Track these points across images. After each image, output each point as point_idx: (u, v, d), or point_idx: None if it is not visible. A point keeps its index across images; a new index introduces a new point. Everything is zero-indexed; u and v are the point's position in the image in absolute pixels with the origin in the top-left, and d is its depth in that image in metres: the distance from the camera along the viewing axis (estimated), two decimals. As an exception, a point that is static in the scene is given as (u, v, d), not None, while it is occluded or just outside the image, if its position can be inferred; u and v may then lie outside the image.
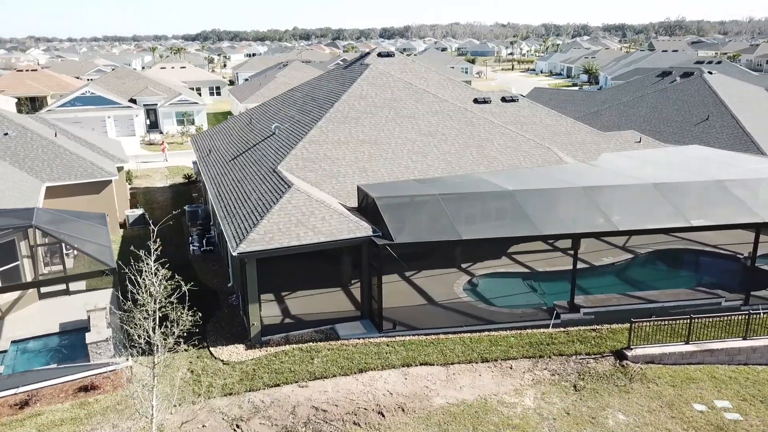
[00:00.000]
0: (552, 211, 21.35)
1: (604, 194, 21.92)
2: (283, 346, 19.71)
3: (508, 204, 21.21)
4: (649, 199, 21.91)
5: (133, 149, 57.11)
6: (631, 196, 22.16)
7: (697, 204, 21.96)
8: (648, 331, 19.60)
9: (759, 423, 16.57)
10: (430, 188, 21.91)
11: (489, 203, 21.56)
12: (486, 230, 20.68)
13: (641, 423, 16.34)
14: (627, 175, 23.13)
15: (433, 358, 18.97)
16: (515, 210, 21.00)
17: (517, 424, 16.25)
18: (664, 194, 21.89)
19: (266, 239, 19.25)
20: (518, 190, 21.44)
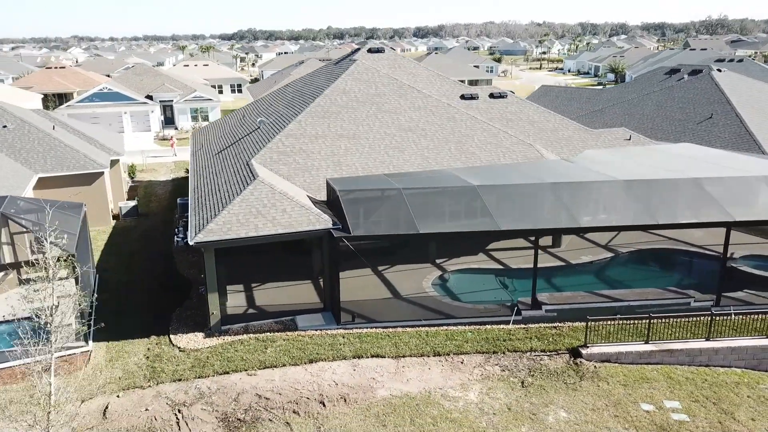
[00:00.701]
0: (515, 207, 21.15)
1: (572, 191, 21.61)
2: (241, 336, 20.00)
3: (472, 199, 21.09)
4: (618, 195, 21.54)
5: (147, 144, 58.43)
6: (599, 192, 21.81)
7: (668, 202, 21.49)
8: (610, 330, 19.33)
9: (706, 425, 16.19)
10: (397, 183, 21.91)
11: (453, 198, 21.48)
12: (445, 225, 20.61)
13: (582, 421, 16.12)
14: (600, 172, 22.74)
15: (385, 351, 19.01)
16: (477, 205, 20.88)
17: (455, 418, 16.20)
18: (634, 191, 21.49)
19: (224, 230, 19.55)
20: (482, 186, 21.30)
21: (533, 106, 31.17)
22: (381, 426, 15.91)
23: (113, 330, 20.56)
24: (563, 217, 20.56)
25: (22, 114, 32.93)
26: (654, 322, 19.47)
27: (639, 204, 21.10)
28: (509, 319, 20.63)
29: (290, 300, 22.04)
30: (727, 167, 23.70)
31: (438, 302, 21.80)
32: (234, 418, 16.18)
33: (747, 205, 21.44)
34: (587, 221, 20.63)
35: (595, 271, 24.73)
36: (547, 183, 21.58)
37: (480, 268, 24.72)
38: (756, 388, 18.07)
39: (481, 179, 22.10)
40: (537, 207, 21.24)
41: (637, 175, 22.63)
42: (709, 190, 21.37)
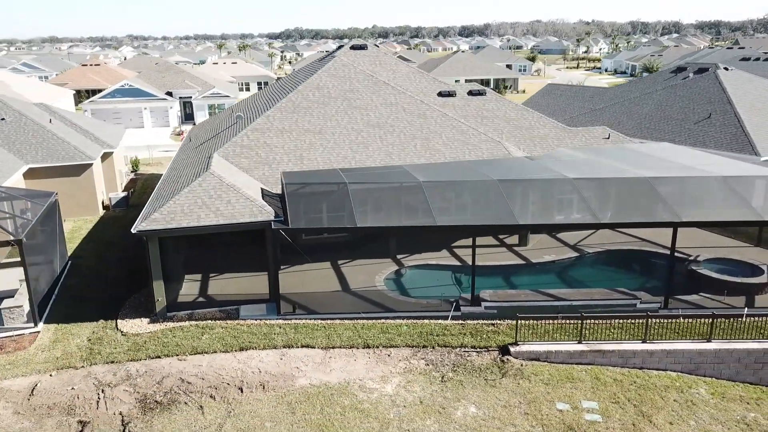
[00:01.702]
0: (457, 203, 21.13)
1: (518, 188, 21.44)
2: (184, 322, 20.61)
3: (416, 195, 21.15)
4: (565, 194, 21.25)
5: (163, 139, 60.19)
6: (546, 190, 21.56)
7: (617, 201, 21.10)
8: (547, 329, 19.17)
9: (618, 426, 15.92)
10: (346, 177, 22.15)
11: (397, 194, 21.59)
12: (384, 219, 20.74)
13: (489, 416, 16.07)
14: (554, 171, 22.44)
15: (316, 342, 19.30)
16: (420, 201, 20.93)
17: (365, 409, 16.38)
18: (583, 190, 21.16)
19: (167, 219, 20.19)
20: (427, 182, 21.34)
21: (511, 104, 30.89)
22: (290, 413, 16.22)
23: (69, 313, 21.53)
24: (503, 214, 20.42)
25: (21, 107, 34.49)
26: (591, 323, 19.28)
27: (584, 203, 20.78)
28: (448, 314, 20.63)
29: (241, 290, 22.56)
30: (691, 167, 23.05)
31: (383, 296, 21.94)
32: (152, 400, 16.75)
33: (699, 205, 20.85)
34: (528, 219, 20.43)
35: (554, 270, 24.44)
36: (494, 180, 21.45)
37: (437, 264, 24.75)
38: (686, 392, 17.63)
39: (429, 176, 22.13)
40: (479, 204, 21.16)
41: (593, 174, 22.26)
42: (660, 190, 20.86)
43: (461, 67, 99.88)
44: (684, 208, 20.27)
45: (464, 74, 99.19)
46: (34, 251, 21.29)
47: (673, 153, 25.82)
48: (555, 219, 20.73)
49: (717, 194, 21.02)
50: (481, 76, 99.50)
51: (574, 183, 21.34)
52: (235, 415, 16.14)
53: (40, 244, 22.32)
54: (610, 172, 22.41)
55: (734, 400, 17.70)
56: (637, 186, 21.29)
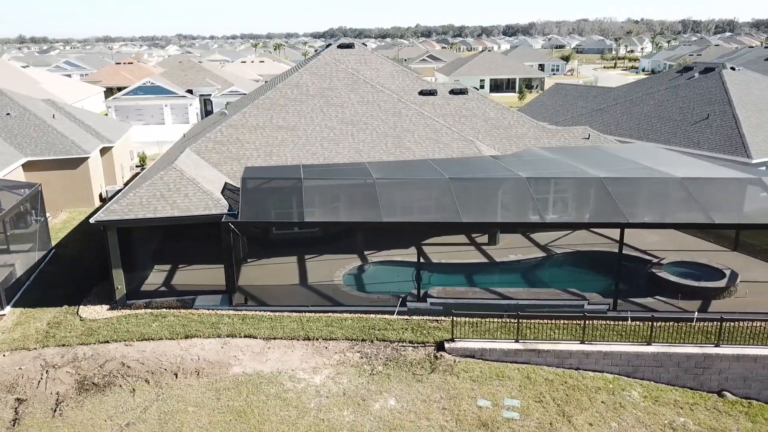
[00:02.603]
0: (407, 201, 21.34)
1: (470, 186, 21.50)
2: (141, 310, 21.42)
3: (368, 192, 21.44)
4: (516, 192, 21.22)
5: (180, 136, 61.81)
6: (498, 189, 21.56)
7: (569, 201, 20.96)
8: (489, 327, 19.25)
9: (534, 425, 15.92)
10: (304, 174, 22.59)
11: (351, 191, 21.95)
12: (333, 215, 21.12)
13: (405, 410, 16.28)
14: (509, 170, 22.39)
15: (259, 332, 19.81)
16: (371, 198, 21.22)
17: (287, 398, 16.81)
18: (533, 189, 21.09)
19: (125, 210, 21.03)
20: (380, 180, 21.62)
21: (492, 103, 30.80)
22: (215, 399, 16.78)
23: (38, 298, 22.63)
24: (449, 212, 20.54)
25: (27, 103, 36.12)
26: (536, 322, 19.26)
27: (532, 202, 20.70)
28: (395, 309, 20.86)
29: (204, 281, 23.25)
30: (652, 168, 22.61)
31: (336, 291, 22.31)
32: (90, 382, 17.55)
33: (649, 207, 20.54)
34: (473, 217, 20.48)
35: (517, 270, 24.36)
36: (446, 179, 21.56)
37: (400, 261, 24.94)
38: (617, 394, 17.46)
39: (386, 173, 22.41)
40: (428, 201, 21.32)
41: (548, 173, 22.15)
42: (612, 190, 20.62)
43: (486, 67, 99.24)
44: (633, 209, 20.00)
45: (489, 73, 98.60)
46: (5, 240, 22.45)
47: (645, 154, 25.38)
48: (500, 218, 20.70)
49: (670, 196, 20.65)
50: (506, 76, 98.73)
51: (527, 182, 21.27)
52: (162, 399, 16.79)
53: (16, 233, 23.49)
54: (567, 171, 22.23)
55: (667, 405, 17.44)
56: (589, 186, 21.11)
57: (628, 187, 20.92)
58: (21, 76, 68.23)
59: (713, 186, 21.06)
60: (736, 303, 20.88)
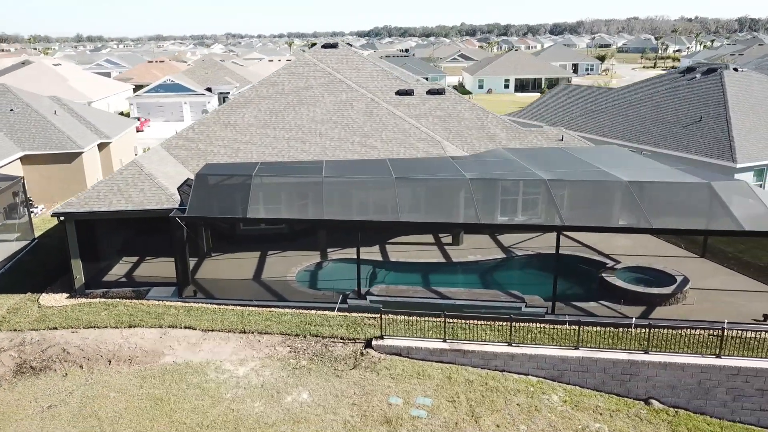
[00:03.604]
0: (352, 200, 21.63)
1: (414, 186, 21.66)
2: (97, 299, 22.34)
3: (315, 190, 21.83)
4: (459, 193, 21.25)
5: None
6: (441, 189, 21.63)
7: (512, 202, 20.89)
8: (422, 326, 19.40)
9: (439, 423, 16.03)
10: (257, 171, 23.10)
11: (298, 189, 22.36)
12: (274, 212, 21.56)
13: (315, 404, 16.61)
14: (459, 171, 22.39)
15: (200, 324, 20.41)
16: (317, 196, 21.61)
17: (208, 388, 17.34)
18: (475, 190, 21.08)
19: (81, 203, 21.98)
20: (328, 179, 21.97)
21: (468, 103, 30.73)
22: (138, 387, 17.44)
23: (5, 286, 23.79)
24: (388, 211, 20.73)
25: (30, 99, 37.84)
26: (465, 322, 19.37)
27: (473, 202, 20.69)
28: (335, 306, 21.19)
29: (163, 273, 24.03)
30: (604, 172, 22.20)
31: (285, 286, 22.77)
32: (28, 366, 18.48)
33: (591, 210, 20.28)
34: (412, 217, 20.63)
35: (469, 270, 24.37)
36: (391, 178, 21.75)
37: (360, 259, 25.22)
38: (536, 398, 17.38)
39: (337, 172, 22.74)
40: (371, 200, 21.55)
41: (495, 175, 22.09)
42: (555, 192, 20.44)
43: (512, 66, 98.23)
44: (574, 212, 19.81)
45: (514, 73, 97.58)
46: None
47: (610, 156, 24.96)
48: (439, 218, 20.77)
49: (614, 199, 20.35)
50: (531, 75, 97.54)
51: (470, 183, 21.27)
52: (89, 384, 17.56)
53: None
54: (517, 173, 22.11)
55: (586, 410, 17.27)
56: (533, 188, 20.98)
57: (571, 190, 20.69)
58: (51, 75, 71.09)
59: (659, 190, 20.62)
60: (681, 310, 20.42)
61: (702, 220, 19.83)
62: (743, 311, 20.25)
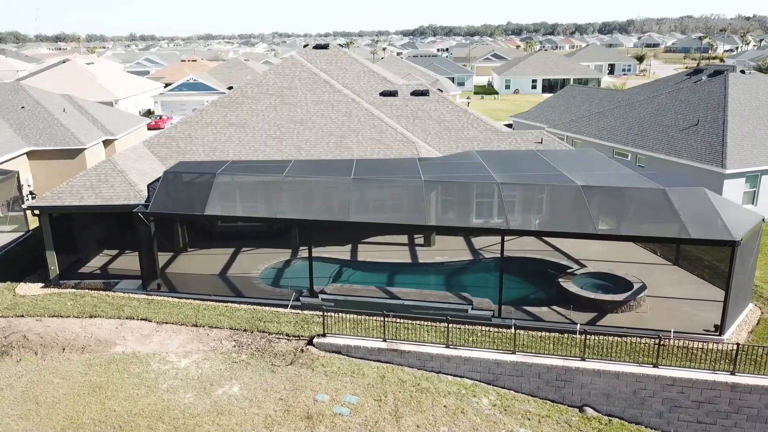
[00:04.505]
0: (308, 198, 22.00)
1: (371, 187, 21.90)
2: (69, 289, 23.35)
3: (273, 189, 22.30)
4: (412, 195, 21.37)
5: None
6: (396, 190, 21.81)
7: (460, 204, 20.92)
8: (367, 325, 19.65)
9: (359, 422, 16.26)
10: (224, 169, 23.70)
11: (259, 187, 22.86)
12: (230, 209, 22.09)
13: (243, 397, 17.05)
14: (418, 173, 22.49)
15: (156, 316, 21.11)
16: (276, 195, 22.07)
17: (147, 378, 18.00)
18: (428, 192, 21.18)
19: (54, 198, 23.02)
20: (288, 178, 22.40)
21: (451, 105, 30.70)
22: (83, 374, 18.23)
23: (-5, 275, 25.09)
24: (339, 211, 21.02)
25: (41, 97, 39.55)
26: (401, 322, 19.57)
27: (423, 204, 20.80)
28: (288, 303, 21.62)
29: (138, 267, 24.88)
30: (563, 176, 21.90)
31: (246, 283, 23.32)
32: (-12, 350, 19.52)
33: (543, 214, 20.13)
34: (361, 217, 20.87)
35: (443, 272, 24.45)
36: (349, 179, 22.02)
37: (325, 258, 25.62)
38: (465, 400, 17.42)
39: (299, 172, 23.14)
40: (326, 200, 21.88)
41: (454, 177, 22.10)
42: (506, 195, 20.36)
43: (540, 67, 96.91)
44: (521, 215, 19.72)
45: (541, 73, 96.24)
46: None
47: (578, 160, 24.63)
48: (389, 219, 20.95)
49: (566, 203, 20.15)
50: (559, 76, 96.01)
51: (424, 185, 21.36)
52: (38, 370, 18.45)
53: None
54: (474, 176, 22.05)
55: (515, 415, 17.23)
56: (486, 191, 20.94)
57: (523, 194, 20.58)
58: (82, 73, 73.79)
59: (613, 195, 20.30)
60: (632, 317, 20.07)
61: (650, 226, 19.44)
62: (697, 321, 19.78)
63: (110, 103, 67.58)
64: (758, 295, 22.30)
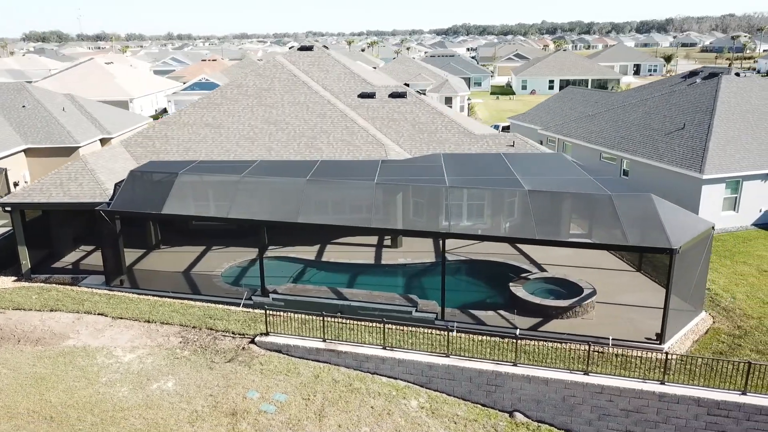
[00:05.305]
0: (261, 199, 22.40)
1: (324, 189, 22.19)
2: (38, 283, 24.22)
3: (230, 190, 22.75)
4: (361, 197, 21.58)
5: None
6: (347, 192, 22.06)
7: (407, 207, 21.05)
8: (313, 325, 19.95)
9: (283, 419, 16.56)
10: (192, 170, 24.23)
11: (217, 187, 23.33)
12: (186, 209, 22.57)
13: (175, 392, 17.49)
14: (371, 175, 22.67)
15: (113, 312, 21.76)
16: (231, 195, 22.52)
17: (90, 371, 18.59)
18: (377, 194, 21.36)
19: (24, 195, 23.89)
20: (244, 178, 22.85)
21: (428, 107, 30.73)
22: (31, 365, 18.92)
23: (-27, 267, 26.14)
24: (288, 211, 21.35)
25: (41, 96, 40.83)
26: (345, 322, 19.80)
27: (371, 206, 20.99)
28: (240, 301, 22.05)
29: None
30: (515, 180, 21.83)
31: (205, 281, 23.83)
32: (-51, 340, 20.40)
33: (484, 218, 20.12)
34: (308, 218, 21.16)
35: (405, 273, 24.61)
36: (303, 180, 22.33)
37: (291, 258, 26.02)
38: (394, 402, 17.57)
39: (258, 172, 23.58)
40: (279, 201, 22.22)
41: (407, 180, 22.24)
42: (452, 198, 20.41)
43: (557, 67, 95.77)
44: (463, 219, 19.76)
45: (559, 74, 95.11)
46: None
47: (539, 165, 24.48)
48: (336, 220, 21.19)
49: (509, 207, 20.10)
50: (577, 76, 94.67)
51: (375, 187, 21.54)
52: (-10, 360, 19.23)
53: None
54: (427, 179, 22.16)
55: (441, 417, 17.32)
56: (435, 194, 21.01)
57: (470, 197, 20.61)
58: (100, 73, 75.67)
59: (560, 201, 20.17)
60: (576, 323, 19.91)
61: (593, 231, 19.27)
62: (641, 328, 19.55)
63: (125, 102, 69.32)
64: (715, 303, 21.88)
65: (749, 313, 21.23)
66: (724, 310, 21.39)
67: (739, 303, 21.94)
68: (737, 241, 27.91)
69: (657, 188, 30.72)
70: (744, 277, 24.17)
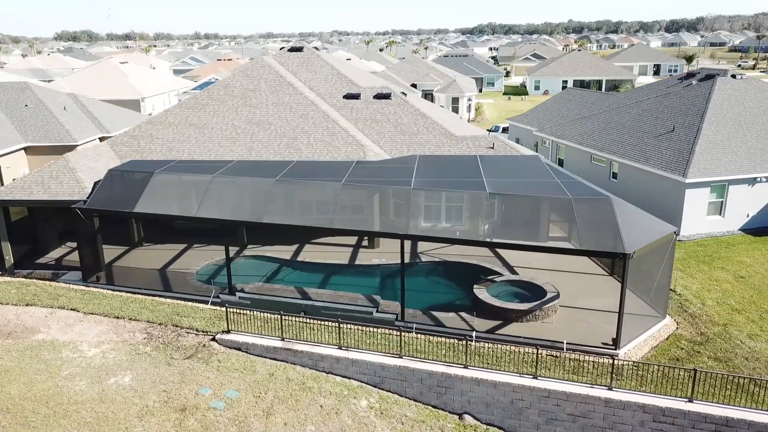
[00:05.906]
0: (233, 199, 22.74)
1: (292, 189, 22.44)
2: (19, 278, 24.91)
3: (201, 189, 23.15)
4: (328, 197, 21.79)
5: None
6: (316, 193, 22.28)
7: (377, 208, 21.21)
8: (275, 324, 20.23)
9: (230, 415, 16.85)
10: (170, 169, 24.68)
11: (191, 186, 23.75)
12: (160, 208, 23.01)
13: (130, 387, 17.90)
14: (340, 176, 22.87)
15: (85, 307, 22.28)
16: (201, 194, 22.91)
17: (53, 364, 19.11)
18: (342, 195, 21.55)
19: (7, 192, 24.58)
20: (217, 178, 23.22)
21: (411, 109, 30.78)
22: (-1, 358, 19.55)
23: (-39, 262, 26.95)
24: (256, 212, 21.64)
25: (45, 95, 41.82)
26: (304, 322, 20.03)
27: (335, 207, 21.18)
28: (209, 299, 22.43)
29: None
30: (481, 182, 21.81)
31: (179, 278, 24.28)
32: (-75, 332, 21.12)
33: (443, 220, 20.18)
34: (274, 219, 21.44)
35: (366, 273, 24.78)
36: (272, 180, 22.62)
37: (268, 257, 26.35)
38: (344, 402, 17.75)
39: (231, 172, 23.94)
40: (248, 201, 22.54)
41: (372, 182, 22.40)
42: (414, 201, 20.50)
43: (571, 67, 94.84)
44: (423, 220, 19.86)
45: (572, 74, 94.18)
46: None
47: (511, 167, 24.42)
48: (300, 221, 21.44)
49: (469, 210, 20.14)
50: (591, 77, 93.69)
51: (341, 188, 21.74)
52: (-40, 352, 19.87)
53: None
54: (393, 181, 22.29)
55: (390, 418, 17.45)
56: (396, 196, 21.13)
57: (432, 199, 20.68)
58: (114, 73, 77.08)
59: (520, 204, 20.12)
60: (535, 327, 19.85)
61: (550, 235, 19.20)
62: (599, 333, 19.42)
63: (137, 101, 70.60)
64: (683, 309, 21.62)
65: (716, 319, 20.93)
66: (690, 317, 21.12)
67: (708, 309, 21.64)
68: (720, 247, 27.47)
69: (643, 192, 30.52)
70: (718, 283, 23.80)
